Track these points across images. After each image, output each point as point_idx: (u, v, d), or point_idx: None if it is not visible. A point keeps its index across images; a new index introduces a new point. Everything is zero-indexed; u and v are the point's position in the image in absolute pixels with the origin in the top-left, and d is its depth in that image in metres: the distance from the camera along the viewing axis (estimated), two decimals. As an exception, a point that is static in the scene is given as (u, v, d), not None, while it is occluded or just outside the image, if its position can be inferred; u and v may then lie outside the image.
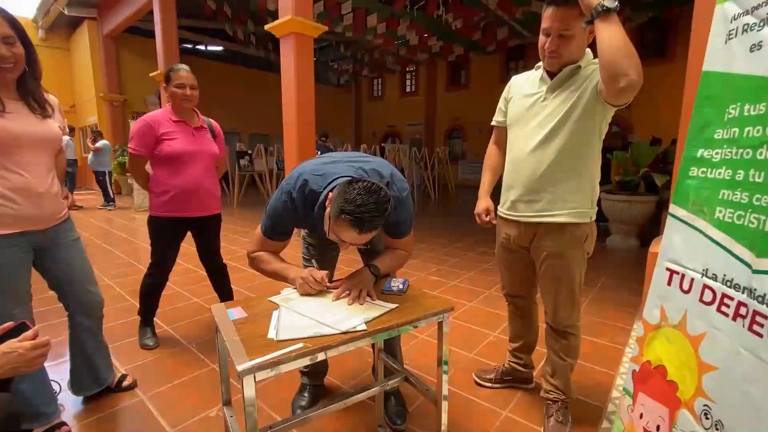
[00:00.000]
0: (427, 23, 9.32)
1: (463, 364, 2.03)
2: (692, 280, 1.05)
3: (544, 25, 1.25)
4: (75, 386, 1.68)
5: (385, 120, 16.95)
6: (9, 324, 0.93)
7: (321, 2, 7.79)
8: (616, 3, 1.08)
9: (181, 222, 2.12)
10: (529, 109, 1.38)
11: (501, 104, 1.56)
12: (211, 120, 2.24)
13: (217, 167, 2.32)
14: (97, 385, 1.69)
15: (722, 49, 1.02)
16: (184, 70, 2.01)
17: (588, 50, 1.32)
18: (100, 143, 7.66)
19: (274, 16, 5.16)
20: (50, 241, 1.44)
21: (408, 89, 16.24)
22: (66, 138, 6.71)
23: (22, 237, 1.34)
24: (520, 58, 12.78)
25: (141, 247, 4.62)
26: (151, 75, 8.24)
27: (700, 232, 1.03)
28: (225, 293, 2.47)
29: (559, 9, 1.19)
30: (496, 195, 1.62)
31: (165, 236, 2.14)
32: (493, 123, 1.62)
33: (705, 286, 1.00)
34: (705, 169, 1.05)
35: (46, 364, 1.63)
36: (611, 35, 1.08)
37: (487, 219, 1.58)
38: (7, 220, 1.29)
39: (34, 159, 1.34)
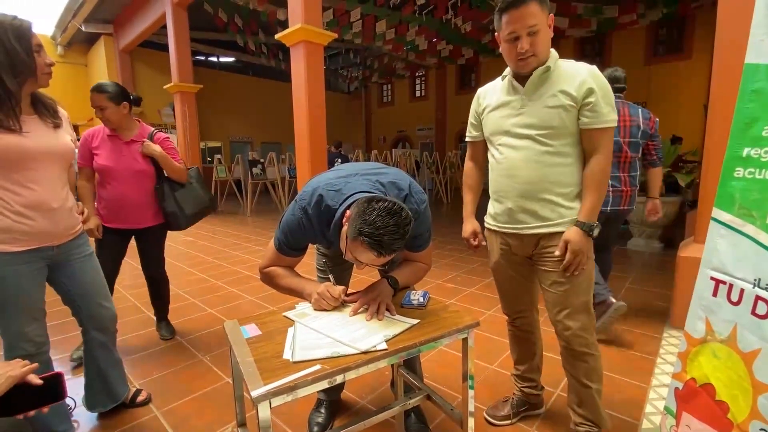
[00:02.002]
0: (436, 27, 9.30)
1: (485, 375, 1.94)
2: (742, 290, 0.96)
3: (508, 30, 1.18)
4: (89, 402, 1.65)
5: (395, 125, 16.95)
6: (31, 366, 0.88)
7: (330, 10, 7.85)
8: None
9: (117, 232, 2.10)
10: (509, 117, 1.30)
11: (472, 119, 1.49)
12: (156, 132, 2.16)
13: (169, 175, 2.18)
14: (111, 400, 1.66)
15: (768, 40, 0.94)
16: (92, 91, 1.94)
17: (553, 50, 1.25)
18: None
19: (285, 25, 5.20)
20: (64, 256, 1.43)
21: (418, 94, 16.22)
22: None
23: (36, 253, 1.32)
24: (531, 59, 12.62)
25: (156, 258, 4.65)
26: (165, 87, 8.39)
27: (750, 238, 0.95)
28: (159, 307, 2.47)
29: (520, 8, 1.14)
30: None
31: (104, 242, 2.08)
32: (467, 139, 1.54)
33: (758, 298, 0.92)
34: (753, 170, 0.96)
35: None
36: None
37: (476, 243, 1.54)
38: (22, 236, 1.27)
39: (48, 174, 1.32)
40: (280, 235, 1.22)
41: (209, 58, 13.45)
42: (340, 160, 6.84)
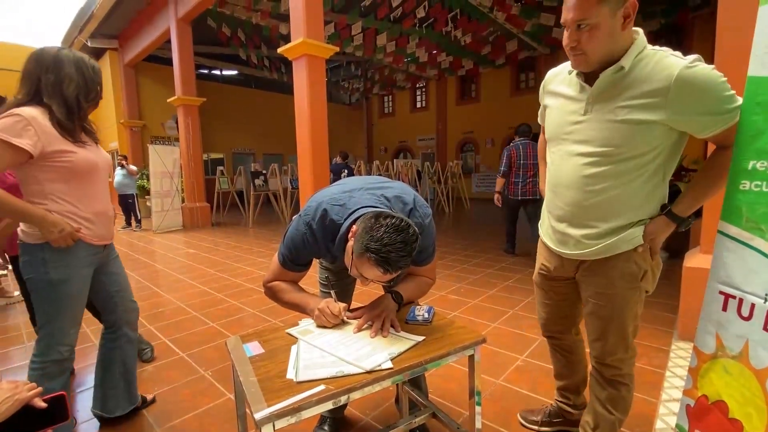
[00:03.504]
0: (437, 40, 9.42)
1: (491, 391, 1.91)
2: (752, 305, 0.94)
3: (562, 18, 1.00)
4: (110, 406, 1.66)
5: (396, 136, 17.05)
6: (38, 390, 0.87)
7: (332, 24, 7.97)
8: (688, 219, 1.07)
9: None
10: (567, 125, 1.11)
11: (541, 107, 1.31)
12: None
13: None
14: (130, 403, 1.70)
15: (771, 53, 0.94)
16: None
17: (638, 37, 1.01)
18: (134, 167, 7.92)
19: (287, 39, 5.27)
20: (107, 256, 1.59)
21: (418, 105, 16.35)
22: None
23: (94, 252, 1.47)
24: (531, 69, 12.77)
25: (160, 270, 4.64)
26: (168, 101, 8.48)
27: (759, 252, 0.93)
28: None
29: None
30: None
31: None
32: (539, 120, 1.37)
33: (770, 313, 0.90)
34: (759, 183, 0.95)
35: None
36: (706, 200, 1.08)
37: None
38: (88, 239, 1.42)
39: (103, 184, 1.50)
40: (285, 250, 1.22)
41: (212, 72, 13.62)
42: (346, 171, 6.88)
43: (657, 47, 1.01)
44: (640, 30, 1.02)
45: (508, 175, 4.51)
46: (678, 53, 0.99)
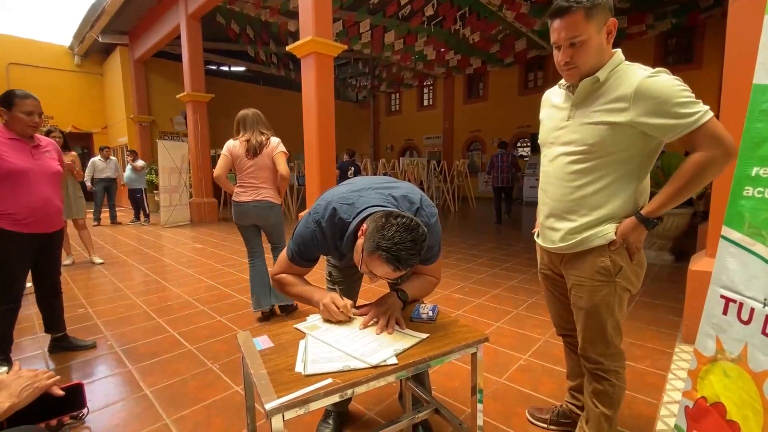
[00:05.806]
0: (445, 38, 9.39)
1: (493, 389, 1.93)
2: (752, 310, 0.96)
3: (552, 39, 1.12)
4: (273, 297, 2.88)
5: (402, 134, 17.04)
6: (56, 378, 0.91)
7: (340, 21, 7.98)
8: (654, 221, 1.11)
9: (27, 238, 2.02)
10: (554, 130, 1.25)
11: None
12: (48, 138, 2.25)
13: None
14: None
15: (776, 61, 0.95)
16: (31, 98, 1.99)
17: (615, 55, 1.12)
18: (140, 162, 8.02)
19: (295, 36, 5.30)
20: None
21: (425, 103, 16.31)
22: (96, 159, 7.34)
23: None
24: (539, 68, 12.69)
25: (168, 264, 4.71)
26: (177, 97, 8.57)
27: (760, 257, 0.95)
28: (57, 317, 2.38)
29: (564, 18, 1.07)
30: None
31: (11, 251, 1.99)
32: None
33: (769, 318, 0.92)
34: (762, 189, 0.97)
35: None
36: (676, 202, 1.08)
37: None
38: None
39: None
40: (294, 246, 1.25)
41: (221, 68, 13.70)
42: (353, 169, 6.94)
43: (632, 63, 1.12)
44: (619, 50, 1.14)
45: (490, 172, 7.54)
46: (648, 67, 1.09)
